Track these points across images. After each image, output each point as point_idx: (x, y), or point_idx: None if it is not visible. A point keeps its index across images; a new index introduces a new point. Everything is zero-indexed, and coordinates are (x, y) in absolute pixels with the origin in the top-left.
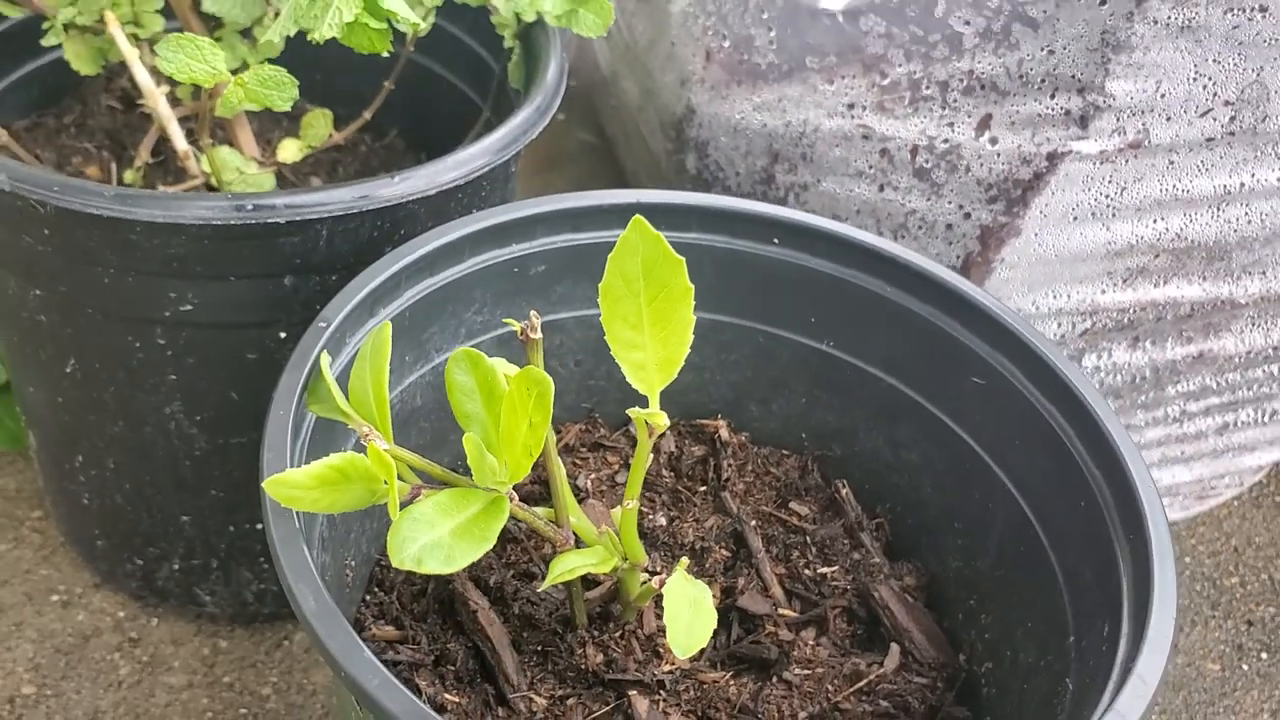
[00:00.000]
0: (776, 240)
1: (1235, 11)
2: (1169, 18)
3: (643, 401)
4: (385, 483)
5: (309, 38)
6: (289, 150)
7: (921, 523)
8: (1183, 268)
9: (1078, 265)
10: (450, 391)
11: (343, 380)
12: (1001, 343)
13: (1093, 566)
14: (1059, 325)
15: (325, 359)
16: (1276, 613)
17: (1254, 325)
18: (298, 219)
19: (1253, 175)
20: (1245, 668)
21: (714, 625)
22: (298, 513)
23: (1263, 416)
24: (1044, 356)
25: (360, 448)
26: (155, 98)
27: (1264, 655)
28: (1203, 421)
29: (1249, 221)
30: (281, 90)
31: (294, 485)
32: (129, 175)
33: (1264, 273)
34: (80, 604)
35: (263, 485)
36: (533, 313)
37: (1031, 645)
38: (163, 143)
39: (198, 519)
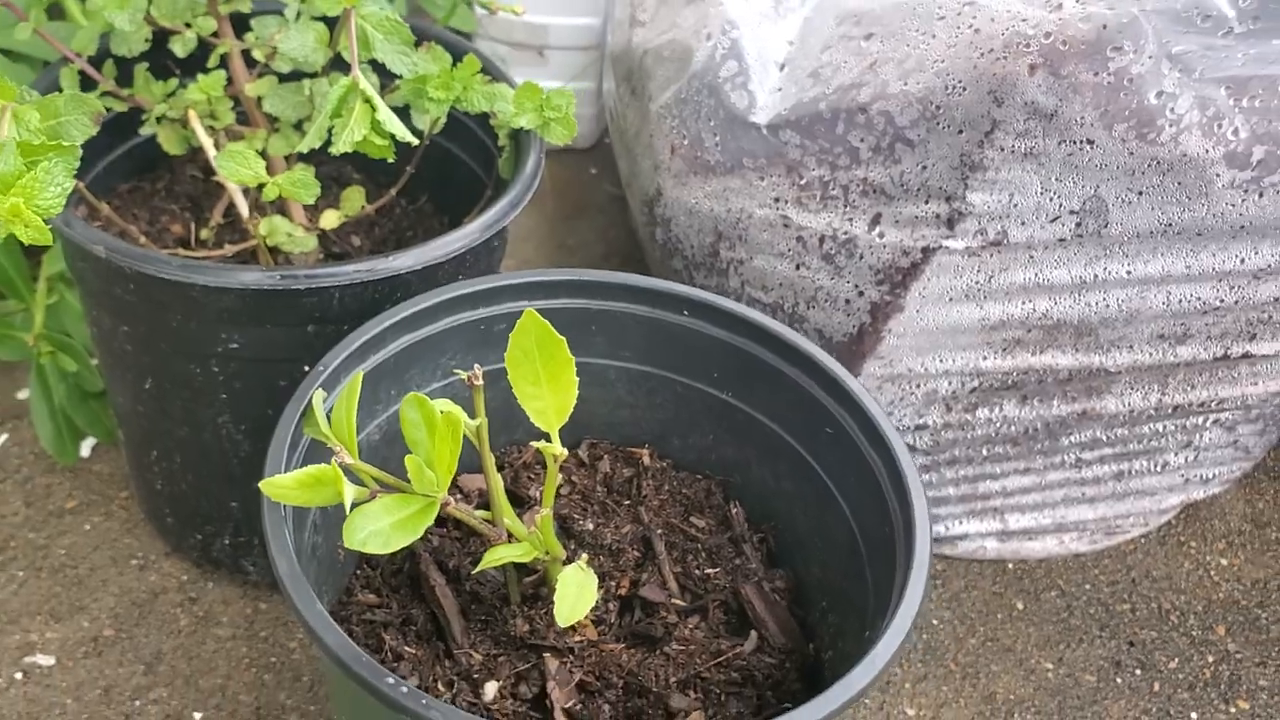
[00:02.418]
0: (685, 312)
1: (1068, 142)
2: (1014, 146)
3: (549, 437)
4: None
5: (329, 150)
6: (329, 219)
7: (795, 538)
8: (1055, 341)
9: (958, 336)
10: (403, 424)
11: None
12: (844, 402)
13: (885, 579)
14: (949, 384)
15: (319, 395)
16: (1157, 636)
17: (1132, 389)
18: (315, 286)
19: (1105, 269)
20: (1119, 681)
21: (593, 603)
22: (287, 506)
23: (1156, 466)
24: (872, 416)
25: None
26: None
27: (1138, 672)
28: (1099, 468)
29: (1108, 306)
30: (307, 189)
31: (282, 485)
32: (204, 233)
33: (1131, 346)
34: (153, 568)
35: (260, 484)
36: (476, 366)
37: (851, 638)
38: (231, 207)
39: (243, 505)
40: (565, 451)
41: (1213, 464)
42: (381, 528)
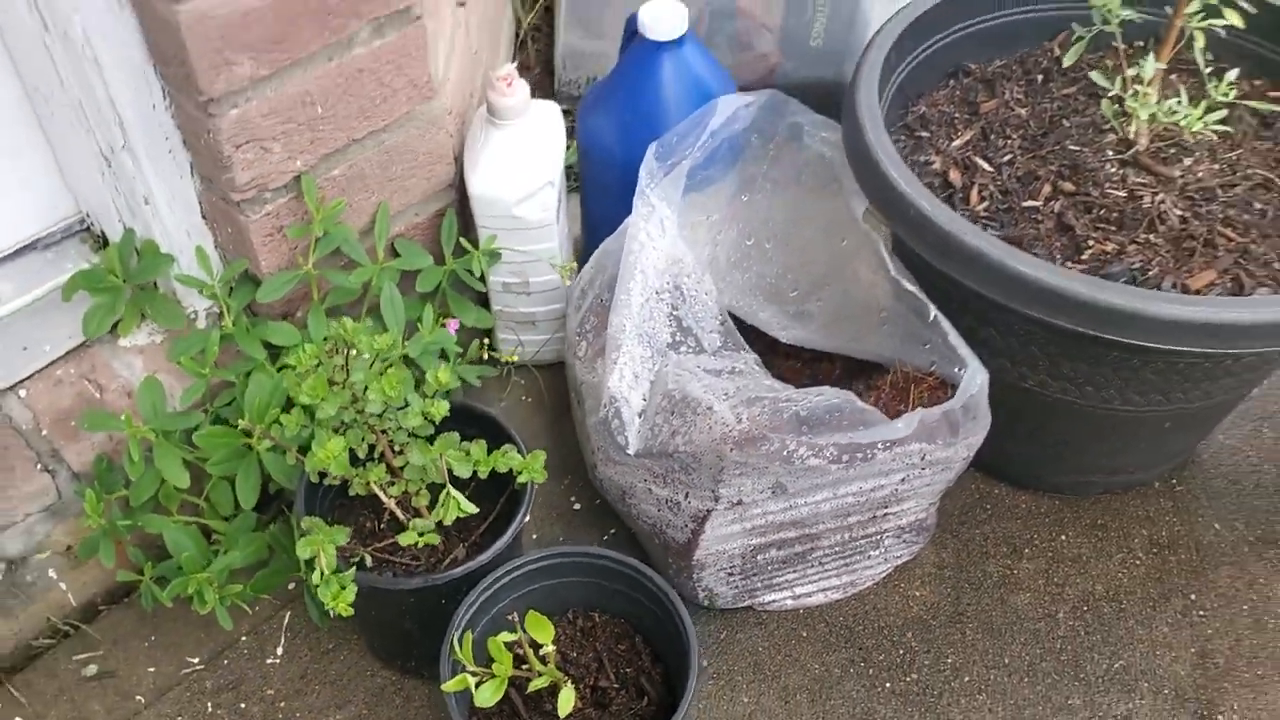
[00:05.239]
0: (601, 559)
1: (758, 470)
2: (735, 471)
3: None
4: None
5: (438, 521)
6: (440, 516)
7: (663, 652)
8: (782, 529)
9: (735, 536)
10: (490, 648)
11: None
12: (668, 598)
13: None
14: (739, 551)
15: (455, 638)
16: (874, 643)
17: (834, 535)
18: (440, 582)
19: (794, 503)
20: (852, 670)
21: (572, 707)
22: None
23: (865, 560)
24: (679, 610)
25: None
26: (391, 504)
27: (862, 664)
28: (834, 566)
29: (802, 514)
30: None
31: (449, 685)
32: (380, 526)
33: (824, 523)
34: (378, 674)
35: (442, 686)
36: (514, 613)
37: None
38: (392, 514)
39: (420, 653)
40: (554, 647)
41: (898, 550)
42: (487, 696)
